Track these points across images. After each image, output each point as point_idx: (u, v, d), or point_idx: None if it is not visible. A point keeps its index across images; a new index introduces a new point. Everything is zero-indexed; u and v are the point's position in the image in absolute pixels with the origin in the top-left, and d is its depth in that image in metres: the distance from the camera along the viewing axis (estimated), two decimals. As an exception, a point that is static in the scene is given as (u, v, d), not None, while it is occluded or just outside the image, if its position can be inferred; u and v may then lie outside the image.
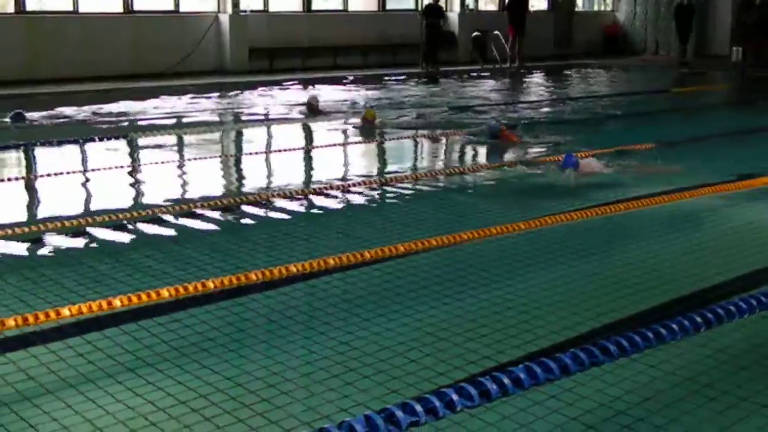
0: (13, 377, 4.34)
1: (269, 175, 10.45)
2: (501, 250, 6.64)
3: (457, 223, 7.42)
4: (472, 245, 6.65)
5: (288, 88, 20.22)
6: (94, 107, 16.05)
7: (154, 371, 4.41)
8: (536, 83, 23.46)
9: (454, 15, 27.43)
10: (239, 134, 13.98)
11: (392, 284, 5.80)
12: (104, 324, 4.96)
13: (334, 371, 4.42)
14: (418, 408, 3.60)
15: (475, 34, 26.68)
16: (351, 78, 22.24)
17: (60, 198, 8.80)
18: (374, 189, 8.96)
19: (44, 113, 15.07)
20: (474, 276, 5.96)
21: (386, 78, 22.72)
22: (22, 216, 8.04)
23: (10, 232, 6.83)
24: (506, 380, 3.89)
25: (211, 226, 7.32)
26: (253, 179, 10.22)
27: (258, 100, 17.99)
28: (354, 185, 8.91)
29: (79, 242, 6.77)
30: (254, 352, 4.66)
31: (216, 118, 15.47)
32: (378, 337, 4.86)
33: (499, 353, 4.62)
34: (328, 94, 18.69)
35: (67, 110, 15.61)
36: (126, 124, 14.27)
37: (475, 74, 24.54)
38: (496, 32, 26.35)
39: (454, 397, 3.73)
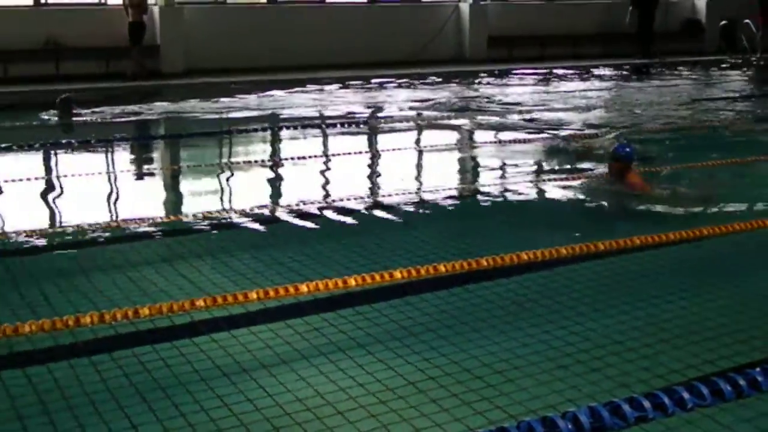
0: (255, 345, 4.56)
1: (506, 162, 10.33)
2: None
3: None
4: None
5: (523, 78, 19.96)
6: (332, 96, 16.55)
7: (385, 349, 4.50)
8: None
9: (701, 2, 26.25)
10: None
11: (632, 277, 5.62)
12: (338, 303, 5.11)
13: (563, 362, 4.35)
14: (646, 404, 3.49)
15: (723, 22, 25.37)
16: (562, 69, 21.51)
17: (294, 182, 9.16)
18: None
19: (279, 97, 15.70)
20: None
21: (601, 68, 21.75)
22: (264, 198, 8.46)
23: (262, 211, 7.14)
24: (741, 381, 3.70)
25: (441, 212, 7.38)
26: (488, 167, 10.17)
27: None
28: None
29: (310, 224, 7.01)
30: (482, 337, 4.67)
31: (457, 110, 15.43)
32: (610, 330, 4.75)
33: (737, 354, 4.41)
34: (538, 94, 17.16)
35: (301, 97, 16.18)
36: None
37: (717, 66, 22.99)
38: (747, 21, 24.92)
39: (685, 395, 3.59)
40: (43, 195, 8.68)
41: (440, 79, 19.16)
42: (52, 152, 10.98)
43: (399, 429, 3.73)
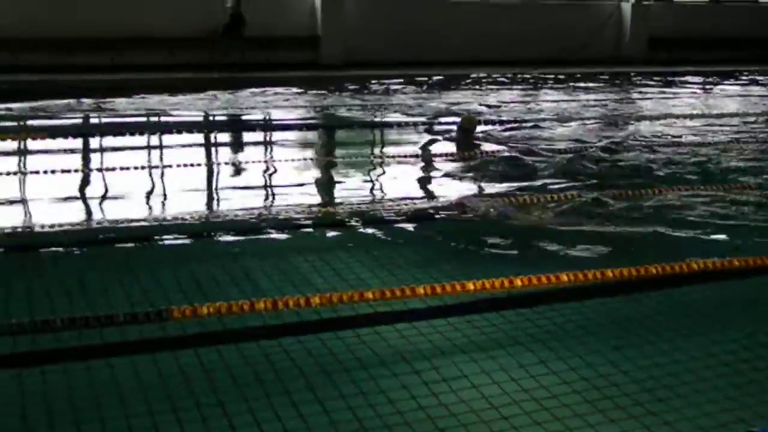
0: (418, 340, 4.57)
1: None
2: None
3: None
4: None
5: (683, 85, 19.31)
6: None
7: (547, 351, 4.45)
8: None
9: None
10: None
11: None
12: (502, 303, 5.09)
13: (736, 380, 4.19)
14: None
15: None
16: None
17: (457, 179, 9.12)
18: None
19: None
20: None
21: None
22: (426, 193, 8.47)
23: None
24: None
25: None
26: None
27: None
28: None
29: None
30: (647, 343, 4.56)
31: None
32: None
33: None
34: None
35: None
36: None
37: None
38: None
39: None
40: (209, 179, 8.99)
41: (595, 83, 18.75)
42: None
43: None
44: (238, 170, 9.27)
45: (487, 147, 10.19)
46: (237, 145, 11.35)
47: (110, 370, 4.15)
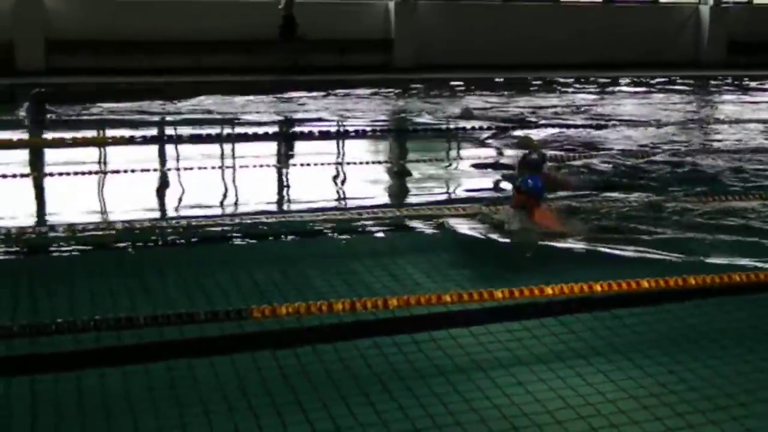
0: (494, 346, 4.55)
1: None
2: None
3: None
4: None
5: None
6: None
7: (624, 358, 4.38)
8: None
9: None
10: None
11: None
12: (579, 307, 5.03)
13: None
14: None
15: None
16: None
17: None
18: None
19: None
20: None
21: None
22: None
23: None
24: None
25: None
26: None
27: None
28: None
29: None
30: (728, 354, 4.48)
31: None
32: None
33: None
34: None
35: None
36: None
37: None
38: None
39: None
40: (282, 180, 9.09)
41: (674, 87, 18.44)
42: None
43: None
44: (308, 172, 9.34)
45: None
46: (307, 148, 11.41)
47: (191, 369, 4.21)
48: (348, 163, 10.05)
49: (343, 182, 9.12)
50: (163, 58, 18.21)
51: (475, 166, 9.65)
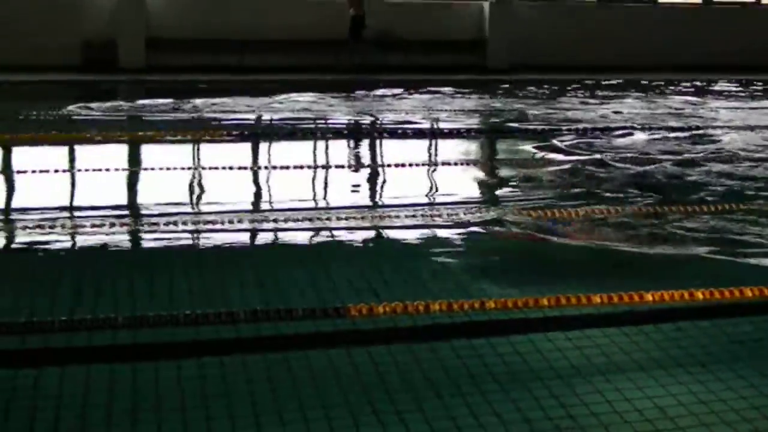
0: (590, 351, 4.47)
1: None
2: None
3: None
4: None
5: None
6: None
7: (725, 369, 4.28)
8: None
9: None
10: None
11: None
12: (680, 315, 4.94)
13: None
14: None
15: None
16: None
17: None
18: None
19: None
20: None
21: None
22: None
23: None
24: None
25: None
26: None
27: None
28: None
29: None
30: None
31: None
32: None
33: None
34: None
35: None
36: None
37: None
38: None
39: None
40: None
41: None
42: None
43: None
44: (401, 173, 9.37)
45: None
46: (398, 147, 11.42)
47: (287, 363, 4.26)
48: (442, 164, 10.01)
49: (439, 182, 9.08)
50: (255, 57, 18.53)
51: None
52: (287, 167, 9.12)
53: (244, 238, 6.71)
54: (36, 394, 3.91)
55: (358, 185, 8.93)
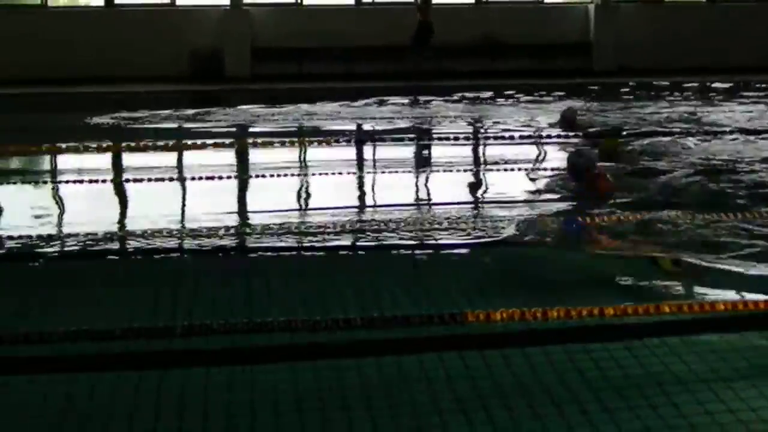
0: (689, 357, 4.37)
1: None
2: None
3: None
4: None
5: None
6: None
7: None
8: None
9: None
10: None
11: None
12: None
13: None
14: None
15: None
16: None
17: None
18: None
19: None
20: None
21: None
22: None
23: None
24: None
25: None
26: None
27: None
28: None
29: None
30: None
31: None
32: None
33: None
34: None
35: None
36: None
37: None
38: None
39: None
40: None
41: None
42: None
43: None
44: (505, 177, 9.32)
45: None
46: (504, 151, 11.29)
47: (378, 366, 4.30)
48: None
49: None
50: (355, 64, 18.80)
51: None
52: (395, 171, 9.21)
53: (348, 241, 6.73)
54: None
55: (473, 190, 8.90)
